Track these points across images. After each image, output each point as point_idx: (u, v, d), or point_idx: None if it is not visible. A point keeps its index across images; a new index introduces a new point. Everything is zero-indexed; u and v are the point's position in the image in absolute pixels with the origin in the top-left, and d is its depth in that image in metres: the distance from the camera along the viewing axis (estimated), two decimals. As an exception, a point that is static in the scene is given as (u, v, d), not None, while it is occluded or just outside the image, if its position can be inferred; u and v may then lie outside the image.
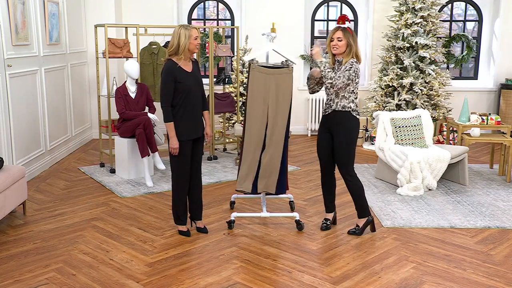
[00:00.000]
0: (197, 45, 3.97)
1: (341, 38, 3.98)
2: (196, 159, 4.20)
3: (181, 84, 3.93)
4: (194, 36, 3.92)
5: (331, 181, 4.36)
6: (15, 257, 3.82)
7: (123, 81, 6.75)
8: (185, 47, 3.90)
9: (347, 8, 8.54)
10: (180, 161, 4.07)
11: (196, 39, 3.93)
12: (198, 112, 4.09)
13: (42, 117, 6.11)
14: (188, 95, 3.97)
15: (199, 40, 3.96)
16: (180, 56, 3.93)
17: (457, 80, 8.60)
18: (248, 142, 4.28)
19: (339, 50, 4.01)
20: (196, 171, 4.22)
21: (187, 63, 4.01)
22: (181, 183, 4.12)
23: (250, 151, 4.29)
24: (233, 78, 7.46)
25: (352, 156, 4.14)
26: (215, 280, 3.49)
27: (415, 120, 5.77)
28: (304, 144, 7.86)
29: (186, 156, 4.07)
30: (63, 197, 5.20)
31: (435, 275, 3.60)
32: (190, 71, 4.01)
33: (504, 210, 4.90)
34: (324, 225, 4.37)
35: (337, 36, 3.99)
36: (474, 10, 8.52)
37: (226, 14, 8.66)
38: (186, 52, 3.94)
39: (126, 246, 4.03)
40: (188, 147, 4.07)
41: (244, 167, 4.32)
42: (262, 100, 4.23)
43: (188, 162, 4.10)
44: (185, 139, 4.03)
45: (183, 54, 3.93)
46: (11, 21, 5.27)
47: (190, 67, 4.03)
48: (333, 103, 4.09)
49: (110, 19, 7.59)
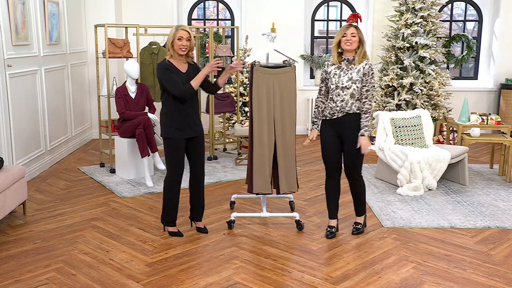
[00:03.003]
0: (181, 47, 3.88)
1: (355, 34, 3.90)
2: (196, 159, 4.16)
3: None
4: (177, 36, 3.87)
5: (339, 185, 4.24)
6: (15, 257, 3.82)
7: (123, 81, 6.75)
8: (169, 45, 3.91)
9: (347, 8, 8.55)
10: (170, 158, 4.04)
11: (180, 39, 3.86)
12: (191, 112, 4.02)
13: (42, 117, 6.11)
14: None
15: (184, 42, 3.86)
16: (169, 53, 3.94)
17: (457, 80, 8.60)
18: (259, 144, 4.25)
19: (352, 46, 3.90)
20: (197, 172, 4.19)
21: (181, 63, 3.99)
22: (171, 183, 4.07)
23: (263, 154, 4.25)
24: (233, 78, 7.46)
25: (362, 157, 4.12)
26: (215, 280, 3.49)
27: (415, 120, 5.77)
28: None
29: (177, 154, 4.03)
30: (63, 197, 5.20)
31: (435, 275, 3.60)
32: (184, 71, 3.98)
33: (504, 210, 4.89)
34: (329, 233, 4.22)
35: (351, 32, 3.90)
36: (474, 10, 8.52)
37: (226, 14, 8.66)
38: (172, 51, 3.92)
39: (126, 246, 4.03)
40: (178, 145, 4.01)
41: (257, 170, 4.28)
42: (268, 101, 4.22)
43: (179, 161, 4.04)
44: (173, 137, 3.99)
45: (172, 53, 3.93)
46: (11, 21, 5.27)
47: (184, 68, 3.99)
48: (347, 105, 3.96)
49: (110, 19, 7.59)
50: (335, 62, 4.02)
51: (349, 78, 3.95)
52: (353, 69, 3.96)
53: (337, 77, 3.98)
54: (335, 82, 3.98)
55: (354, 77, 3.94)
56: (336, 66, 4.02)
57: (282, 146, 4.29)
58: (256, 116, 4.23)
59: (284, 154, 4.30)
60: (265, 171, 4.27)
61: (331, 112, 4.05)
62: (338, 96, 3.98)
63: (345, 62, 3.99)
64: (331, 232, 4.23)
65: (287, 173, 4.33)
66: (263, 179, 4.28)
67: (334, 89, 3.99)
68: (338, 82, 3.97)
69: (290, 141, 4.30)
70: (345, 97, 3.96)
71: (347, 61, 3.99)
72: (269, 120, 4.24)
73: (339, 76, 3.98)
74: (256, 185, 4.30)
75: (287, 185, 4.35)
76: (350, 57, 3.98)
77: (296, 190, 4.40)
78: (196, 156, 4.15)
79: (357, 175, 4.16)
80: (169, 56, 3.96)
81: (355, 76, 3.94)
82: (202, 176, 4.23)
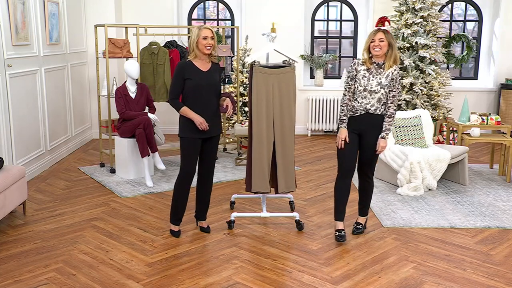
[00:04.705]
0: (207, 45, 3.92)
1: (383, 39, 3.82)
2: (208, 159, 4.17)
3: (189, 81, 3.95)
4: (202, 35, 3.91)
5: (349, 186, 4.15)
6: (15, 257, 3.82)
7: (123, 81, 6.76)
8: (194, 45, 3.94)
9: (347, 8, 8.54)
10: (184, 158, 4.06)
11: (205, 39, 3.91)
12: (209, 112, 4.03)
13: (42, 117, 6.11)
14: (197, 93, 3.97)
15: (209, 40, 3.91)
16: (193, 54, 3.98)
17: (457, 80, 8.60)
18: (258, 143, 4.25)
19: (381, 51, 3.83)
20: (207, 172, 4.20)
21: (204, 63, 4.01)
22: (182, 181, 4.09)
23: (262, 153, 4.25)
24: (233, 78, 7.46)
25: (377, 158, 4.15)
26: (215, 280, 3.49)
27: (415, 120, 5.77)
28: (304, 144, 7.86)
29: (190, 154, 4.04)
30: (63, 197, 5.20)
31: (435, 275, 3.60)
32: (206, 70, 4.00)
33: (504, 210, 4.89)
34: (340, 237, 4.09)
35: (379, 37, 3.82)
36: (474, 10, 8.52)
37: (226, 14, 8.66)
38: (197, 50, 3.96)
39: (126, 246, 4.03)
40: (193, 146, 4.03)
41: (256, 169, 4.28)
42: (267, 101, 4.22)
43: (193, 161, 4.06)
44: (188, 136, 4.01)
45: (196, 53, 3.97)
46: (11, 21, 5.27)
47: (206, 67, 4.02)
48: (372, 107, 3.93)
49: (110, 19, 7.59)
50: (367, 65, 3.93)
51: (378, 83, 3.89)
52: (382, 73, 3.90)
53: (366, 79, 3.91)
54: (363, 84, 3.92)
55: (383, 82, 3.88)
56: (366, 68, 3.93)
57: (281, 145, 4.29)
58: (255, 116, 4.23)
59: (283, 153, 4.30)
60: (263, 170, 4.28)
61: (353, 110, 3.99)
62: (364, 99, 3.93)
63: (375, 66, 3.93)
64: (341, 236, 4.09)
65: (286, 173, 4.33)
66: (262, 178, 4.29)
67: (362, 91, 3.93)
68: (367, 85, 3.91)
69: (289, 141, 4.30)
70: (372, 100, 3.92)
71: (377, 65, 3.92)
72: (268, 120, 4.24)
73: (368, 79, 3.91)
74: (255, 184, 4.31)
75: (286, 184, 4.35)
76: (381, 62, 3.91)
77: (294, 189, 4.41)
78: (210, 156, 4.17)
79: (371, 173, 4.16)
80: (192, 57, 3.99)
81: (384, 81, 3.89)
82: (211, 176, 4.25)
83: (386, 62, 3.89)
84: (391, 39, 3.86)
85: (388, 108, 3.96)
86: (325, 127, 8.40)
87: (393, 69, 3.91)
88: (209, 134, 4.07)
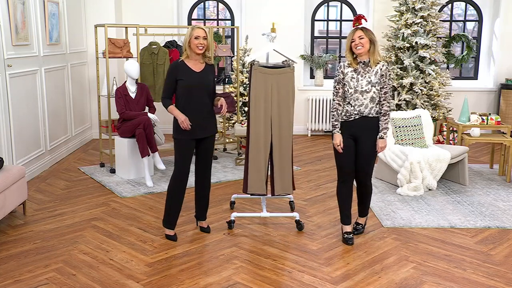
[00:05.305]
0: (198, 45, 3.90)
1: (363, 36, 3.79)
2: (204, 159, 4.16)
3: (181, 81, 3.94)
4: (194, 35, 3.89)
5: (352, 189, 4.13)
6: (15, 257, 3.82)
7: (123, 81, 6.75)
8: (186, 45, 3.93)
9: (347, 8, 8.55)
10: (178, 159, 4.04)
11: (197, 38, 3.89)
12: (203, 113, 4.02)
13: (42, 117, 6.11)
14: (189, 93, 3.96)
15: (201, 40, 3.89)
16: (185, 54, 3.96)
17: (457, 80, 8.59)
18: (255, 144, 4.24)
19: (364, 49, 3.79)
20: (204, 171, 4.19)
21: (197, 63, 4.00)
22: (175, 182, 4.05)
23: (258, 153, 4.24)
24: (233, 78, 7.47)
25: (374, 161, 4.11)
26: (215, 280, 3.49)
27: (415, 120, 5.77)
28: (304, 144, 7.86)
29: (183, 155, 4.02)
30: (63, 197, 5.20)
31: (435, 275, 3.60)
32: (199, 71, 3.99)
33: (504, 210, 4.89)
34: (349, 239, 4.09)
35: (358, 35, 3.78)
36: (474, 10, 8.52)
37: (226, 14, 8.66)
38: (189, 50, 3.95)
39: (126, 246, 4.03)
40: (186, 147, 4.01)
41: (253, 170, 4.27)
42: (265, 101, 4.21)
43: (186, 163, 4.03)
44: (181, 137, 4.00)
45: (188, 53, 3.96)
46: (11, 21, 5.27)
47: (199, 68, 4.00)
48: (366, 109, 3.87)
49: (110, 19, 7.59)
50: (352, 65, 3.90)
51: (368, 81, 3.85)
52: (370, 71, 3.86)
53: (355, 80, 3.87)
54: (353, 86, 3.87)
55: (373, 80, 3.84)
56: (353, 69, 3.89)
57: (278, 147, 4.27)
58: (253, 116, 4.23)
59: (279, 155, 4.28)
60: (260, 171, 4.27)
61: (347, 114, 3.93)
62: (356, 101, 3.88)
63: (361, 65, 3.89)
64: (350, 238, 4.09)
65: (282, 175, 4.31)
66: (258, 179, 4.27)
67: (353, 93, 3.88)
68: (357, 86, 3.86)
69: (286, 142, 4.27)
70: (365, 101, 3.86)
71: (363, 64, 3.88)
72: (266, 120, 4.23)
73: (357, 80, 3.86)
74: (251, 185, 4.29)
75: (282, 186, 4.32)
76: (366, 60, 3.87)
77: (291, 192, 4.39)
78: (206, 156, 4.16)
79: (368, 178, 4.10)
80: (184, 57, 3.98)
81: (374, 79, 3.85)
82: (209, 175, 4.24)
83: (371, 58, 3.86)
84: (371, 35, 3.83)
85: (382, 106, 3.90)
86: (325, 127, 8.41)
87: (380, 65, 3.88)
88: (202, 135, 4.06)
